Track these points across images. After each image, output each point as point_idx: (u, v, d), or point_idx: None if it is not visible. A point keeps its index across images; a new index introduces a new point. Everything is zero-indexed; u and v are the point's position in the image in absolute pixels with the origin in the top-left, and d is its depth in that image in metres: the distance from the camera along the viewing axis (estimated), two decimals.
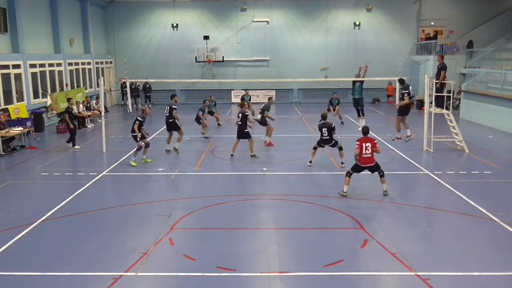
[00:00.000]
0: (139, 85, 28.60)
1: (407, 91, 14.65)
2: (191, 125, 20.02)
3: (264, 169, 13.16)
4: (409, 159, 14.18)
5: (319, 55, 30.85)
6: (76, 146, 16.13)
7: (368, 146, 10.14)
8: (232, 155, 14.37)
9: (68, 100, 17.49)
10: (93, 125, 21.70)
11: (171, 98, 15.41)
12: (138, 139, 13.38)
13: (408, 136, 15.32)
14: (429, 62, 26.88)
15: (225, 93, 30.37)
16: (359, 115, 19.42)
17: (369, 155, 10.17)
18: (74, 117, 16.89)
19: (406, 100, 14.48)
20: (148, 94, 28.65)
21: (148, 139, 13.72)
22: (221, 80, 29.56)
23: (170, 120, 15.05)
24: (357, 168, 10.46)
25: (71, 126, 16.05)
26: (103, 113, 16.40)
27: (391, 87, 30.54)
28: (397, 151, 15.34)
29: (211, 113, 19.93)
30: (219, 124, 20.52)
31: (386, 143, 16.40)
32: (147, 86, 28.27)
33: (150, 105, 28.66)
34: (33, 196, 11.21)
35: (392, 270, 7.15)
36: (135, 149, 13.60)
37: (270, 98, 18.28)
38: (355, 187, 11.58)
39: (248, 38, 30.88)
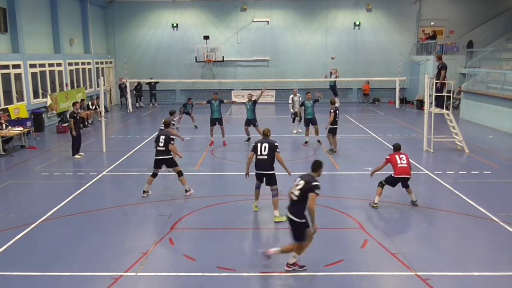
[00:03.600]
0: (141, 86, 28.62)
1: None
2: (192, 124, 20.05)
3: None
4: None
5: (319, 55, 30.87)
6: (78, 155, 14.73)
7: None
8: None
9: (74, 104, 15.55)
10: (93, 124, 21.67)
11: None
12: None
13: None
14: (429, 62, 26.88)
15: (225, 93, 30.33)
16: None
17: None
18: (80, 122, 15.29)
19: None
20: (153, 92, 28.71)
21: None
22: (221, 80, 29.56)
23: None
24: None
25: (74, 133, 14.41)
26: (103, 113, 16.39)
27: (368, 86, 30.67)
28: None
29: (187, 113, 20.03)
30: (195, 126, 20.05)
31: (385, 143, 16.40)
32: (152, 84, 28.30)
33: (156, 104, 28.78)
34: (33, 196, 11.20)
35: (392, 270, 7.15)
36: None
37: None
38: (354, 187, 11.59)
39: (248, 38, 30.89)
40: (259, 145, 9.28)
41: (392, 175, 9.91)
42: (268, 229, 8.77)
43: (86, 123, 21.10)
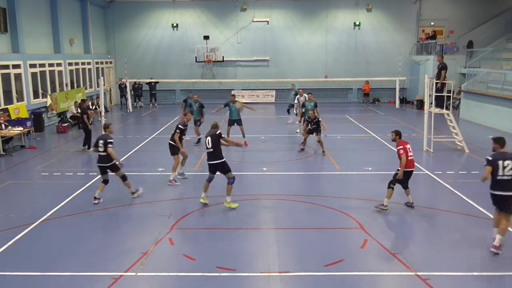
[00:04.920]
0: (141, 85, 28.65)
1: None
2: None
3: (264, 169, 13.16)
4: None
5: (319, 55, 30.88)
6: (82, 148, 15.76)
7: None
8: None
9: (84, 101, 17.27)
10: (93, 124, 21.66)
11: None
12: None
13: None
14: (429, 62, 26.89)
15: (225, 93, 30.34)
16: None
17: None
18: (88, 118, 16.13)
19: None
20: (154, 92, 28.75)
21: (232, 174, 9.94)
22: (221, 80, 29.57)
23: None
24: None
25: (89, 127, 15.59)
26: (103, 113, 16.40)
27: (368, 86, 30.66)
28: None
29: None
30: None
31: (385, 143, 16.40)
32: (152, 84, 28.33)
33: (156, 104, 28.80)
34: (33, 196, 11.19)
35: (392, 270, 7.15)
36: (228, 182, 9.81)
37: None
38: (354, 187, 11.58)
39: (248, 38, 30.89)
40: (205, 139, 9.81)
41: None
42: (268, 229, 8.76)
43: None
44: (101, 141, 10.08)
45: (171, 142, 11.62)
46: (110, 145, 10.04)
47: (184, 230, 8.71)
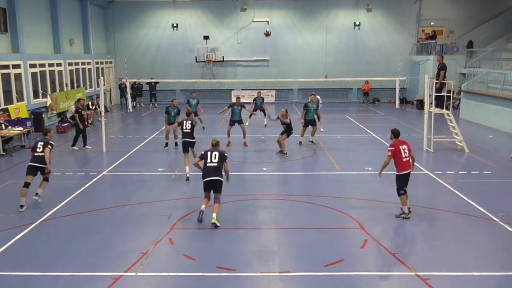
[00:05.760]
0: (141, 85, 28.68)
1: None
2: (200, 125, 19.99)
3: (264, 169, 13.16)
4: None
5: (319, 55, 30.89)
6: (88, 146, 16.10)
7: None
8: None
9: (78, 100, 17.32)
10: (93, 124, 21.68)
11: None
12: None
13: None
14: (429, 62, 26.89)
15: (225, 93, 30.39)
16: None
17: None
18: (83, 118, 16.34)
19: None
20: (153, 92, 28.76)
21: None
22: (221, 80, 29.57)
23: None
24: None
25: (81, 127, 15.82)
26: (103, 113, 16.40)
27: (367, 86, 30.67)
28: None
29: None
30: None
31: (385, 143, 16.39)
32: (152, 84, 28.36)
33: (156, 104, 28.80)
34: (33, 196, 11.16)
35: (392, 270, 7.16)
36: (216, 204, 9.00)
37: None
38: (354, 187, 11.58)
39: (248, 38, 30.88)
40: (209, 153, 8.97)
41: (397, 173, 9.10)
42: (268, 229, 8.76)
43: (86, 123, 21.05)
44: (40, 143, 10.02)
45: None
46: (49, 146, 10.02)
47: (184, 230, 8.71)
